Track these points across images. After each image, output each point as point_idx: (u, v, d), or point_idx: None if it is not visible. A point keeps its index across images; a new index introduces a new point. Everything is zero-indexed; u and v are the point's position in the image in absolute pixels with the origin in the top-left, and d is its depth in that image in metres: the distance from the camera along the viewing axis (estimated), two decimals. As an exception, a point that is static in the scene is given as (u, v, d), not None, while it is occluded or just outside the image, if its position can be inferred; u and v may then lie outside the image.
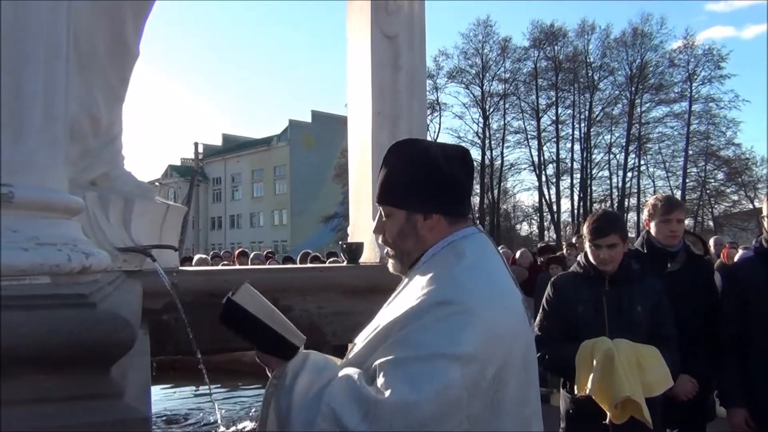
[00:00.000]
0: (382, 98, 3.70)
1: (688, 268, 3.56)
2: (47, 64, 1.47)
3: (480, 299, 1.48)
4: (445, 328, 1.42)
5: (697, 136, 39.87)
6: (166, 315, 2.51)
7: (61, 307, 1.13)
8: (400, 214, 1.67)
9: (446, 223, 1.64)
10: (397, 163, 1.68)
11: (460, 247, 1.61)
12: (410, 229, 1.66)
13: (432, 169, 1.63)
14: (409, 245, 1.68)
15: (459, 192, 1.67)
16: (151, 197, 2.97)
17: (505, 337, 1.48)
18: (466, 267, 1.56)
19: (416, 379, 1.36)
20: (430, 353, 1.39)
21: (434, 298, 1.48)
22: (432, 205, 1.63)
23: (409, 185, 1.64)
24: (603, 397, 2.87)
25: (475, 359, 1.41)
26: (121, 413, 1.14)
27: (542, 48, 42.06)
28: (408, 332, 1.44)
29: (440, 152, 1.66)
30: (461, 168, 1.66)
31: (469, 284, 1.52)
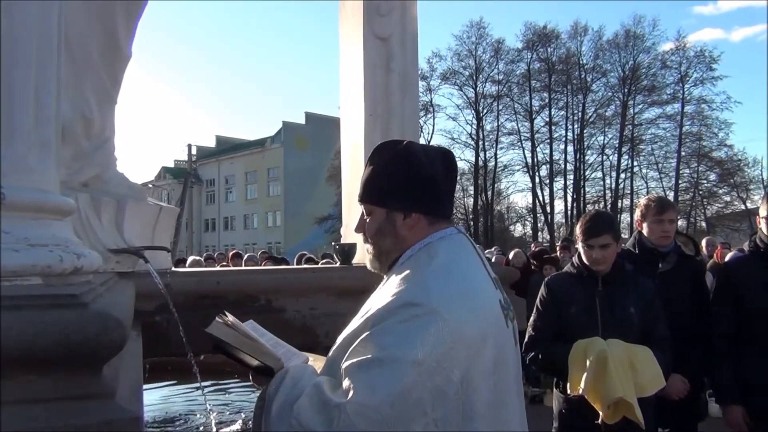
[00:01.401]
0: (375, 100, 3.70)
1: (679, 268, 3.57)
2: (39, 66, 1.47)
3: (445, 301, 1.47)
4: (407, 330, 1.42)
5: (690, 137, 40.04)
6: (159, 316, 2.50)
7: (52, 307, 1.13)
8: (380, 213, 1.68)
9: (426, 223, 1.64)
10: (379, 163, 1.69)
11: (434, 249, 1.61)
12: (389, 228, 1.67)
13: (413, 169, 1.64)
14: (388, 244, 1.68)
15: (439, 192, 1.67)
16: (143, 199, 2.97)
17: (471, 339, 1.47)
18: (436, 268, 1.56)
19: (376, 382, 1.37)
20: (390, 356, 1.39)
21: (401, 299, 1.48)
22: (412, 205, 1.64)
23: (389, 184, 1.66)
24: (596, 397, 2.88)
25: (436, 363, 1.40)
26: (112, 413, 1.14)
27: (535, 50, 42.16)
28: (372, 334, 1.45)
29: (422, 153, 1.67)
30: (443, 169, 1.67)
31: (436, 285, 1.51)
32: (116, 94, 2.96)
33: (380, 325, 1.45)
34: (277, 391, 1.50)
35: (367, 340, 1.44)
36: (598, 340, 2.97)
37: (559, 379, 3.19)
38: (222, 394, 2.73)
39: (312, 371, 1.62)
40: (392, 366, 1.38)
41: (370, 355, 1.41)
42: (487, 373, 1.48)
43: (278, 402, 1.47)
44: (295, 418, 1.40)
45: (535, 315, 3.32)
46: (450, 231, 1.67)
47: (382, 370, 1.38)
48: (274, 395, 1.50)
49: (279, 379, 1.54)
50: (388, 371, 1.37)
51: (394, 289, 1.53)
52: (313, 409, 1.40)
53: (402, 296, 1.49)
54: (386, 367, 1.38)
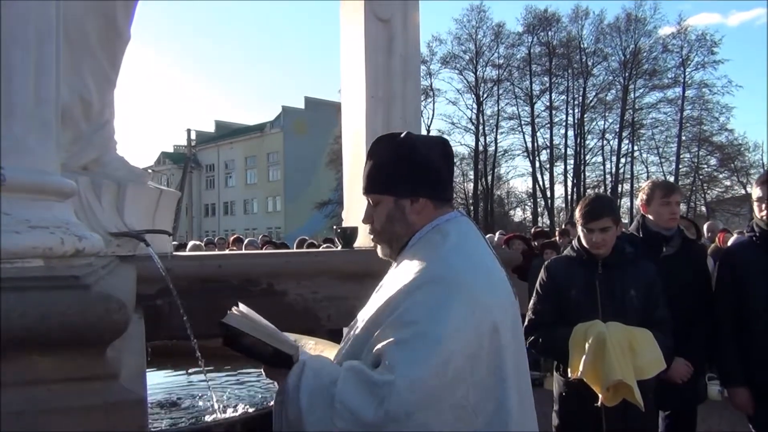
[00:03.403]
0: (376, 82, 3.67)
1: (682, 252, 3.58)
2: (38, 47, 1.46)
3: (467, 274, 1.58)
4: (438, 303, 1.50)
5: (691, 121, 39.92)
6: (161, 300, 2.50)
7: (54, 289, 1.13)
8: (388, 200, 1.76)
9: (432, 207, 1.74)
10: (380, 154, 1.78)
11: (445, 229, 1.71)
12: (399, 214, 1.75)
13: (414, 156, 1.73)
14: (399, 229, 1.76)
15: (441, 177, 1.77)
16: (143, 182, 2.95)
17: (495, 308, 1.57)
18: (452, 246, 1.65)
19: (419, 355, 1.43)
20: (427, 330, 1.46)
21: (426, 275, 1.57)
22: (418, 190, 1.73)
23: (394, 173, 1.74)
24: (594, 379, 2.89)
25: (471, 330, 1.49)
26: (116, 395, 1.14)
27: (536, 33, 41.91)
28: (403, 311, 1.51)
29: (419, 142, 1.77)
30: (441, 155, 1.78)
31: (456, 261, 1.61)
32: (115, 76, 2.93)
33: (409, 301, 1.53)
34: (300, 381, 1.51)
35: (399, 318, 1.51)
36: (597, 323, 2.97)
37: (560, 362, 3.21)
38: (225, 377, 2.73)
39: (328, 360, 1.66)
40: (431, 338, 1.45)
41: (406, 332, 1.47)
42: (508, 340, 1.58)
43: (306, 391, 1.48)
44: (340, 403, 1.43)
45: (535, 299, 3.32)
46: (455, 214, 1.77)
47: (423, 343, 1.45)
48: (297, 386, 1.50)
49: (298, 370, 1.54)
50: (428, 344, 1.45)
51: (415, 267, 1.62)
52: (359, 391, 1.44)
53: (426, 273, 1.58)
54: (426, 340, 1.45)
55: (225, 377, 2.76)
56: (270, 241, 10.47)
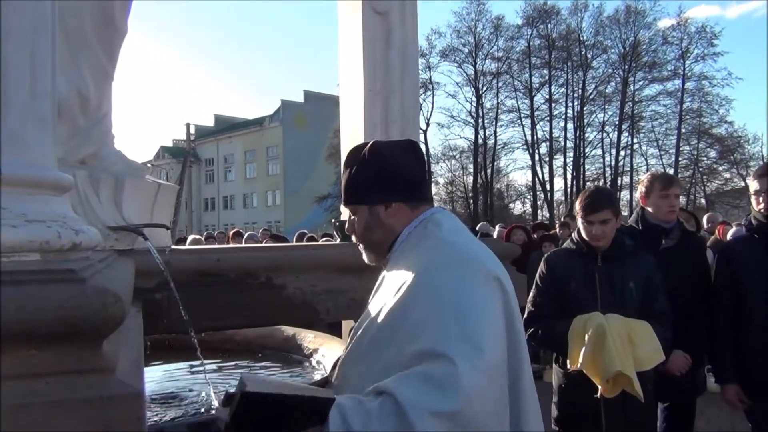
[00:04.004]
0: (374, 75, 3.66)
1: (681, 244, 3.58)
2: (33, 39, 1.45)
3: (476, 251, 1.69)
4: (461, 283, 1.56)
5: (690, 114, 39.93)
6: (159, 294, 2.50)
7: (50, 282, 1.12)
8: (363, 210, 1.83)
9: (408, 209, 1.79)
10: (352, 166, 1.83)
11: (436, 219, 1.78)
12: (375, 221, 1.81)
13: (381, 163, 1.78)
14: (378, 235, 1.82)
15: (413, 179, 1.81)
16: (141, 176, 2.94)
17: (503, 280, 1.65)
18: (450, 230, 1.73)
19: (466, 340, 1.45)
20: (464, 314, 1.50)
21: (438, 261, 1.63)
22: (390, 195, 1.78)
23: (365, 182, 1.80)
24: (594, 371, 2.90)
25: (497, 306, 1.58)
26: (113, 388, 1.14)
27: (535, 26, 41.87)
28: (427, 318, 1.51)
29: (386, 148, 1.83)
30: (410, 158, 1.82)
31: (461, 239, 1.72)
32: (112, 70, 2.91)
33: (428, 295, 1.55)
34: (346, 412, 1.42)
35: (423, 327, 1.50)
36: (597, 315, 2.98)
37: (559, 354, 3.22)
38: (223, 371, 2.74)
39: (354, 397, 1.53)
40: (472, 323, 1.48)
41: (446, 321, 1.48)
42: (516, 319, 1.66)
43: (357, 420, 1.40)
44: (410, 407, 1.36)
45: (534, 291, 3.32)
46: (438, 209, 1.84)
47: (466, 329, 1.47)
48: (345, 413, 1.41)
49: (339, 415, 1.42)
50: (471, 328, 1.47)
51: (416, 257, 1.68)
52: (425, 389, 1.39)
53: (436, 259, 1.64)
54: (466, 325, 1.47)
55: (224, 371, 2.76)
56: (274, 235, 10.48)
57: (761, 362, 3.23)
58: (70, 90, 2.68)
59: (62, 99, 2.50)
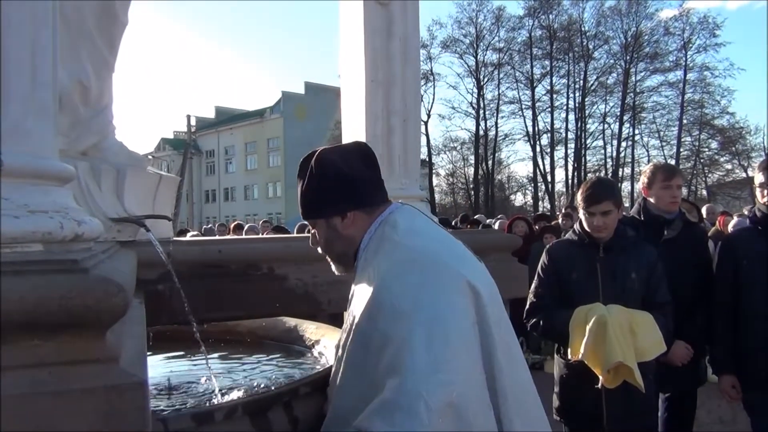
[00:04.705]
0: (376, 66, 3.64)
1: (683, 235, 3.58)
2: (34, 29, 1.44)
3: (434, 251, 1.63)
4: (418, 285, 1.52)
5: (692, 105, 39.82)
6: (162, 285, 2.50)
7: (52, 272, 1.12)
8: (321, 224, 1.81)
9: (364, 215, 1.75)
10: (304, 179, 1.79)
11: (391, 220, 1.73)
12: (334, 233, 1.79)
13: (331, 173, 1.74)
14: (340, 247, 1.81)
15: (364, 185, 1.77)
16: (143, 167, 2.94)
17: (462, 269, 1.60)
18: (405, 230, 1.69)
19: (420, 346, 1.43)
20: (421, 319, 1.47)
21: (396, 260, 1.61)
22: (343, 205, 1.75)
23: (316, 196, 1.77)
24: (595, 362, 2.91)
25: (458, 300, 1.53)
26: (117, 378, 1.14)
27: (537, 17, 41.69)
28: (390, 332, 1.49)
29: (336, 155, 1.77)
30: (361, 162, 1.78)
31: (414, 241, 1.66)
32: (113, 61, 2.90)
33: (389, 300, 1.52)
34: None
35: (391, 324, 1.49)
36: (598, 305, 2.98)
37: (560, 344, 3.22)
38: (226, 361, 2.74)
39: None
40: (433, 326, 1.46)
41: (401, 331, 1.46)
42: (490, 318, 1.58)
43: None
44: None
45: (536, 282, 3.33)
46: (394, 206, 1.79)
47: (424, 334, 1.44)
48: None
49: None
50: (429, 330, 1.45)
51: (376, 265, 1.64)
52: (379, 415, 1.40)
53: (392, 267, 1.60)
54: (432, 326, 1.45)
55: (226, 362, 2.77)
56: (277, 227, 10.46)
57: (761, 354, 3.24)
58: (71, 81, 2.67)
59: (63, 90, 2.50)
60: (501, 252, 3.38)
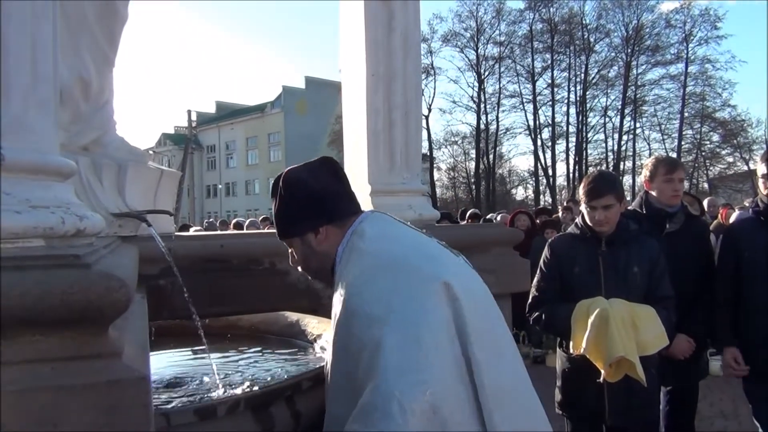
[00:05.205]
0: (377, 60, 3.63)
1: (686, 228, 3.57)
2: (34, 24, 1.44)
3: (400, 255, 1.65)
4: (389, 293, 1.54)
5: (693, 98, 39.66)
6: (163, 280, 2.50)
7: (55, 267, 1.12)
8: (296, 242, 1.85)
9: (336, 229, 1.79)
10: (276, 199, 1.85)
11: (360, 229, 1.75)
12: (309, 250, 1.82)
13: (301, 191, 1.80)
14: (316, 263, 1.84)
15: (333, 199, 1.81)
16: (144, 162, 2.94)
17: (433, 267, 1.62)
18: (372, 237, 1.72)
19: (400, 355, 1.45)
20: (395, 323, 1.49)
21: (363, 268, 1.64)
22: (315, 221, 1.79)
23: (290, 215, 1.83)
24: (597, 355, 2.90)
25: (428, 301, 1.53)
26: (119, 373, 1.14)
27: (537, 10, 41.49)
28: (361, 323, 1.53)
29: (303, 172, 1.83)
30: (328, 176, 1.83)
31: (382, 245, 1.69)
32: (114, 55, 2.90)
33: (363, 305, 1.56)
34: None
35: (363, 331, 1.52)
36: (600, 299, 2.98)
37: (563, 338, 3.22)
38: (228, 356, 2.75)
39: None
40: (406, 324, 1.48)
41: (375, 338, 1.47)
42: (466, 317, 1.57)
43: None
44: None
45: (538, 276, 3.32)
46: (364, 215, 1.82)
47: (400, 339, 1.46)
48: None
49: None
50: (402, 334, 1.47)
51: (346, 276, 1.67)
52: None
53: (360, 274, 1.63)
54: (403, 329, 1.47)
55: (228, 356, 2.77)
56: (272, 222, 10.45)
57: (762, 344, 3.24)
58: (71, 76, 2.67)
59: (64, 85, 2.49)
60: (503, 246, 3.38)
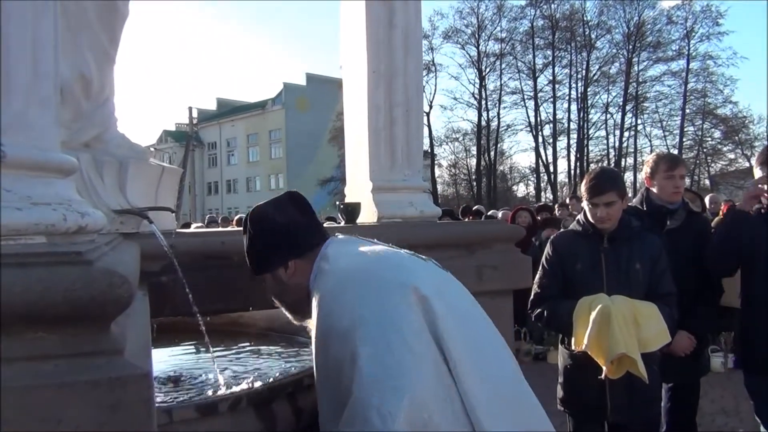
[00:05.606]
0: (377, 57, 3.62)
1: (687, 225, 3.57)
2: (34, 21, 1.44)
3: (364, 268, 1.70)
4: (353, 302, 1.58)
5: (695, 94, 39.59)
6: (165, 277, 2.50)
7: (56, 264, 1.12)
8: (268, 277, 1.90)
9: (304, 262, 1.83)
10: (246, 237, 1.92)
11: (324, 254, 1.80)
12: (281, 285, 1.88)
13: (267, 228, 1.87)
14: (290, 297, 1.90)
15: (298, 232, 1.86)
16: (145, 159, 2.93)
17: (398, 273, 1.66)
18: (335, 256, 1.76)
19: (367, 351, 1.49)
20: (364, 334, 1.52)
21: (329, 288, 1.68)
22: (283, 256, 1.84)
23: (260, 252, 1.89)
24: (599, 352, 2.90)
25: (396, 304, 1.56)
26: (121, 369, 1.14)
27: (539, 6, 41.40)
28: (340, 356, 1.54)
29: (270, 208, 1.90)
30: (295, 210, 1.89)
31: (343, 263, 1.73)
32: (115, 53, 2.89)
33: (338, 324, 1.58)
34: None
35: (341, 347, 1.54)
36: (602, 296, 2.98)
37: (564, 335, 3.22)
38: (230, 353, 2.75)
39: None
40: (375, 332, 1.51)
41: (349, 351, 1.51)
42: (439, 321, 1.59)
43: None
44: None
45: (540, 273, 3.32)
46: (328, 240, 1.87)
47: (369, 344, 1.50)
48: None
49: None
50: (372, 338, 1.50)
51: (315, 297, 1.71)
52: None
53: (327, 293, 1.67)
54: (374, 337, 1.50)
55: (230, 353, 2.77)
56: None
57: (763, 339, 3.24)
58: (72, 73, 2.66)
59: (65, 82, 2.49)
60: (504, 242, 3.37)
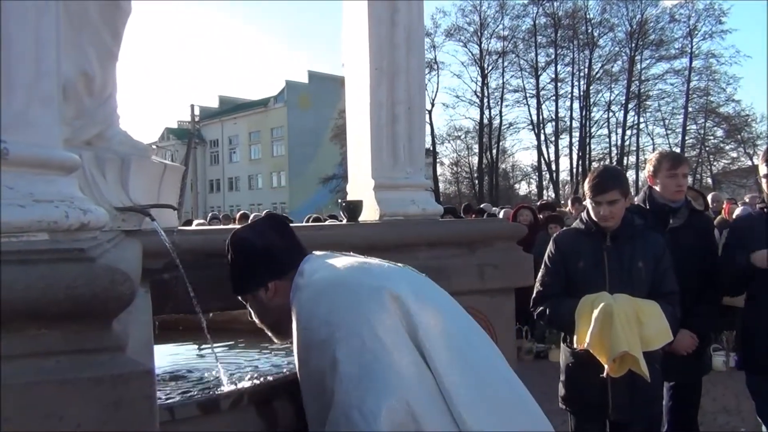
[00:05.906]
0: (380, 54, 3.62)
1: (689, 223, 3.57)
2: (36, 18, 1.43)
3: (338, 275, 1.76)
4: (329, 309, 1.65)
5: (697, 92, 39.52)
6: (167, 274, 2.50)
7: (59, 261, 1.12)
8: (250, 299, 1.96)
9: (284, 282, 1.87)
10: (229, 259, 1.96)
11: (301, 270, 1.85)
12: (262, 307, 1.94)
13: (247, 251, 1.91)
14: (272, 318, 1.94)
15: (278, 254, 1.90)
16: (147, 157, 2.93)
17: (371, 278, 1.72)
18: (310, 271, 1.82)
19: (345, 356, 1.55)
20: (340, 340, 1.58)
21: (307, 305, 1.72)
22: (263, 278, 1.89)
23: (241, 274, 1.94)
24: (601, 350, 2.90)
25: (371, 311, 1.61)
26: (123, 366, 1.14)
27: (541, 4, 41.31)
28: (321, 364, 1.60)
29: (249, 232, 1.96)
30: (274, 232, 1.94)
31: (318, 275, 1.78)
32: (117, 50, 2.89)
33: (314, 330, 1.65)
34: None
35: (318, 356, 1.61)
36: (604, 294, 2.98)
37: (566, 333, 3.22)
38: (231, 350, 2.75)
39: None
40: (350, 338, 1.57)
41: (328, 356, 1.57)
42: (419, 325, 1.63)
43: None
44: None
45: (543, 271, 3.32)
46: (305, 258, 1.90)
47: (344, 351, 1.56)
48: None
49: None
50: (348, 344, 1.57)
51: (293, 314, 1.76)
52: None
53: (305, 304, 1.72)
54: (349, 343, 1.57)
55: (232, 350, 2.77)
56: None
57: (764, 339, 3.24)
58: (74, 70, 2.66)
59: (67, 80, 2.49)
60: (506, 241, 3.37)
